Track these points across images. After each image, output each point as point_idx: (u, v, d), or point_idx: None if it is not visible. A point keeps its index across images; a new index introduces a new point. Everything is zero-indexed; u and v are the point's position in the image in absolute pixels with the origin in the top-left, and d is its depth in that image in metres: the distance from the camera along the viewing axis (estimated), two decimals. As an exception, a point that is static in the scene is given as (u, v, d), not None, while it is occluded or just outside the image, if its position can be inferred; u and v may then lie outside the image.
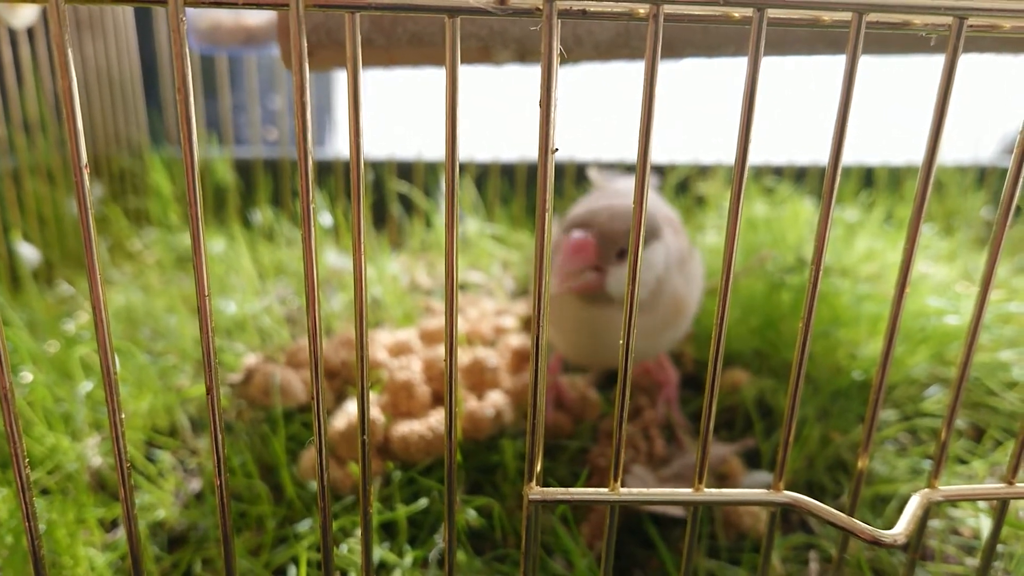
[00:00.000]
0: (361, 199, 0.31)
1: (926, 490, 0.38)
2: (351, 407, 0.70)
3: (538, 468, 0.37)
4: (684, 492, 0.38)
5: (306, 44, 0.29)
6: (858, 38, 0.30)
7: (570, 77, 1.21)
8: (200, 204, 0.31)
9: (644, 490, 0.37)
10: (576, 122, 1.22)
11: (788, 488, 0.39)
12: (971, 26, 0.31)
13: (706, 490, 0.38)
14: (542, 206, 0.31)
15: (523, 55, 0.55)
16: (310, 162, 0.30)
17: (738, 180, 0.32)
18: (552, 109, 0.30)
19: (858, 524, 0.36)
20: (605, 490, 0.37)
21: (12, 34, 0.91)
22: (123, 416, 0.33)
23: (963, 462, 0.69)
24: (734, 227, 0.33)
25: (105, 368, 0.33)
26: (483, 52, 0.53)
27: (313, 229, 0.31)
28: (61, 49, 0.28)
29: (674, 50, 0.52)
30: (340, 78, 1.74)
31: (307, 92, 0.30)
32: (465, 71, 0.31)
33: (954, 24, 0.31)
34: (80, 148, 0.29)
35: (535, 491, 0.37)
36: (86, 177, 0.30)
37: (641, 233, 0.32)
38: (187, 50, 0.29)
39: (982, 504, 0.64)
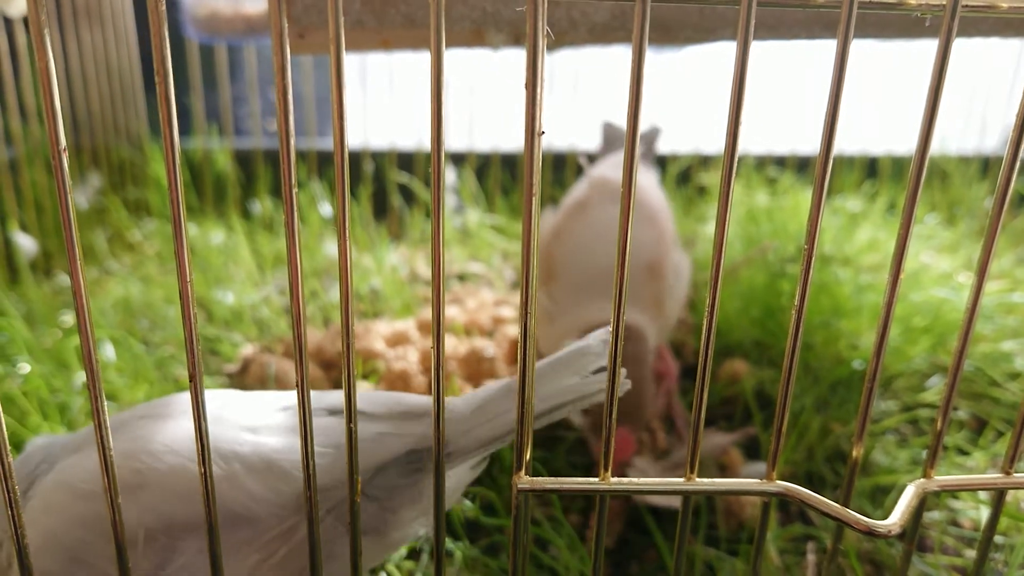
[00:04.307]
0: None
1: (921, 480, 0.38)
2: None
3: (527, 457, 0.36)
4: (676, 481, 0.38)
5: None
6: (850, 18, 0.29)
7: (577, 70, 1.21)
8: (180, 184, 0.30)
9: (634, 480, 0.37)
10: (580, 115, 1.22)
11: (789, 479, 0.38)
12: (966, 6, 0.30)
13: (698, 479, 0.37)
14: (529, 189, 0.31)
15: (518, 38, 0.55)
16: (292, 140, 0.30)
17: (728, 167, 0.31)
18: (539, 89, 0.30)
19: (852, 514, 0.36)
20: (595, 480, 0.37)
21: (8, 23, 0.90)
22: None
23: (964, 453, 0.69)
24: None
25: (87, 357, 0.32)
26: (476, 35, 0.52)
27: (295, 206, 0.31)
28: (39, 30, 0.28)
29: (671, 32, 0.51)
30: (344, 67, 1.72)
31: (288, 75, 0.29)
32: (463, 59, 0.30)
33: (949, 3, 0.30)
34: (58, 130, 0.29)
35: (524, 480, 0.36)
36: (65, 161, 0.30)
37: (631, 216, 0.32)
38: (165, 29, 0.28)
39: (983, 495, 0.63)
